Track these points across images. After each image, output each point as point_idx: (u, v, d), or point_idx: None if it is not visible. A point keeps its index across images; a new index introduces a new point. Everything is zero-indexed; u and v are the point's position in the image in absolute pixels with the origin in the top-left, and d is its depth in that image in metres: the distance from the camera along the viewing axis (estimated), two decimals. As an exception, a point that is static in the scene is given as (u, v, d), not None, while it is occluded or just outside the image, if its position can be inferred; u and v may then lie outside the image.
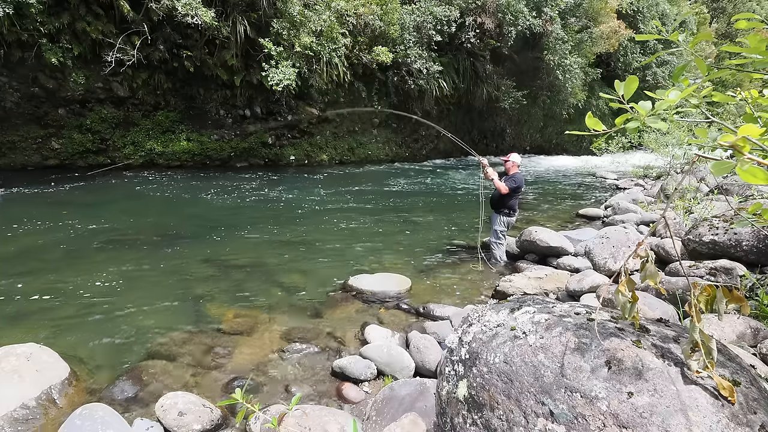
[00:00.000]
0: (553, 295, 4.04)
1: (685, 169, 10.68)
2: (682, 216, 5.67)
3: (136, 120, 12.85)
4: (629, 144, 15.36)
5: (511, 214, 5.33)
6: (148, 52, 11.59)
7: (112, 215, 7.38)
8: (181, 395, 2.48)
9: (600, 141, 1.52)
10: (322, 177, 13.22)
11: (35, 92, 11.23)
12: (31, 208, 7.57)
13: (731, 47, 1.59)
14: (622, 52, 25.14)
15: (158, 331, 3.55)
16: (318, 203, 9.19)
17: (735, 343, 2.49)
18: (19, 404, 2.45)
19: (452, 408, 1.73)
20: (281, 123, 14.64)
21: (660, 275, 1.59)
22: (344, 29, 13.80)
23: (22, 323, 3.64)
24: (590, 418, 1.33)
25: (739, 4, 35.66)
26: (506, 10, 17.11)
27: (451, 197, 10.58)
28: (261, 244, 6.10)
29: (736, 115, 13.97)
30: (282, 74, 12.07)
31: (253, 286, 4.59)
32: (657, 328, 1.60)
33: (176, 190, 10.10)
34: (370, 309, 4.09)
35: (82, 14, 10.65)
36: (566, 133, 1.79)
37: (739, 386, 1.34)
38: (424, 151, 19.59)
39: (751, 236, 3.77)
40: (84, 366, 3.03)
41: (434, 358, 3.00)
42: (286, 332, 3.58)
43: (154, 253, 5.51)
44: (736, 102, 1.71)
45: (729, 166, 1.05)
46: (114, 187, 10.10)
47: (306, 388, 2.87)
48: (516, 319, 1.76)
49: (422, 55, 16.01)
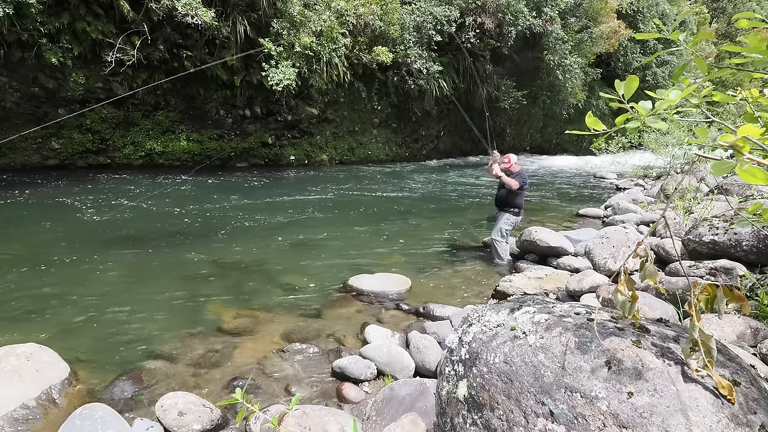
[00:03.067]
0: (553, 295, 4.04)
1: (685, 169, 10.68)
2: (682, 216, 5.67)
3: (136, 120, 12.85)
4: (629, 144, 15.35)
5: (519, 213, 5.31)
6: (148, 52, 11.58)
7: (112, 215, 7.38)
8: (181, 395, 2.48)
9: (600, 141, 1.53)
10: (322, 177, 13.22)
11: (35, 92, 11.22)
12: (30, 208, 7.57)
13: (731, 47, 1.59)
14: (622, 52, 25.14)
15: (158, 331, 3.55)
16: (318, 203, 9.19)
17: (735, 343, 2.49)
18: (19, 404, 2.45)
19: (452, 408, 1.72)
20: (281, 123, 14.64)
21: (659, 275, 1.59)
22: (344, 29, 13.80)
23: (22, 323, 3.64)
24: (590, 418, 1.33)
25: (739, 4, 35.66)
26: (506, 10, 17.11)
27: (451, 197, 10.57)
28: (261, 244, 6.10)
29: (736, 115, 13.97)
30: (282, 74, 12.07)
31: (253, 286, 4.59)
32: (657, 328, 1.60)
33: (176, 190, 10.09)
34: (370, 309, 4.09)
35: (82, 14, 10.64)
36: (566, 132, 1.80)
37: (739, 386, 1.34)
38: (425, 151, 19.59)
39: (751, 236, 3.76)
40: (84, 366, 3.03)
41: (434, 358, 3.00)
42: (286, 332, 3.58)
43: (154, 253, 5.51)
44: (736, 102, 1.71)
45: (729, 166, 1.05)
46: (114, 187, 10.10)
47: (306, 388, 2.87)
48: (516, 319, 1.76)
49: (422, 55, 16.01)
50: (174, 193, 9.73)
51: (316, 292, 4.46)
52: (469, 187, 12.08)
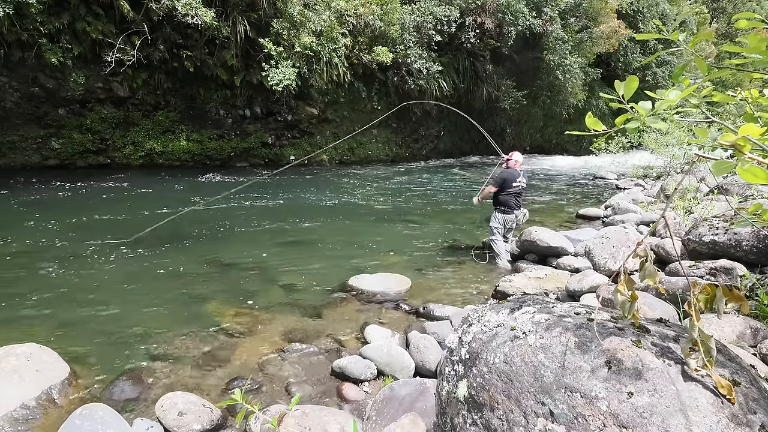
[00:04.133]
0: (553, 295, 4.03)
1: (685, 169, 10.68)
2: (682, 216, 5.67)
3: (136, 120, 12.85)
4: (629, 144, 15.36)
5: (506, 211, 5.33)
6: (148, 52, 11.59)
7: (112, 215, 7.38)
8: (181, 395, 2.48)
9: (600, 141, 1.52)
10: (322, 177, 13.22)
11: (35, 92, 11.23)
12: (30, 209, 7.57)
13: (731, 47, 1.59)
14: (622, 52, 25.15)
15: (158, 331, 3.55)
16: (318, 203, 9.20)
17: (735, 343, 2.49)
18: (19, 404, 2.45)
19: (452, 408, 1.72)
20: (281, 123, 14.64)
21: (659, 275, 1.59)
22: (344, 29, 13.80)
23: (22, 323, 3.64)
24: (590, 418, 1.33)
25: (739, 4, 35.66)
26: (506, 10, 17.11)
27: (451, 197, 10.57)
28: (261, 244, 6.09)
29: (736, 115, 13.97)
30: (282, 74, 12.07)
31: (253, 286, 4.58)
32: (657, 328, 1.60)
33: (176, 190, 10.10)
34: (370, 309, 4.09)
35: (82, 14, 10.65)
36: (566, 133, 1.80)
37: (739, 386, 1.34)
38: (424, 151, 19.60)
39: (751, 236, 3.76)
40: (84, 366, 3.03)
41: (434, 358, 3.00)
42: (286, 332, 3.58)
43: (154, 253, 5.51)
44: (736, 102, 1.71)
45: (729, 166, 1.06)
46: (113, 187, 10.10)
47: (306, 388, 2.86)
48: (516, 319, 1.76)
49: (422, 55, 16.01)
50: (174, 193, 9.72)
51: (316, 292, 4.45)
52: (470, 187, 12.08)
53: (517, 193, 5.36)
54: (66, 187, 9.59)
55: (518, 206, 5.40)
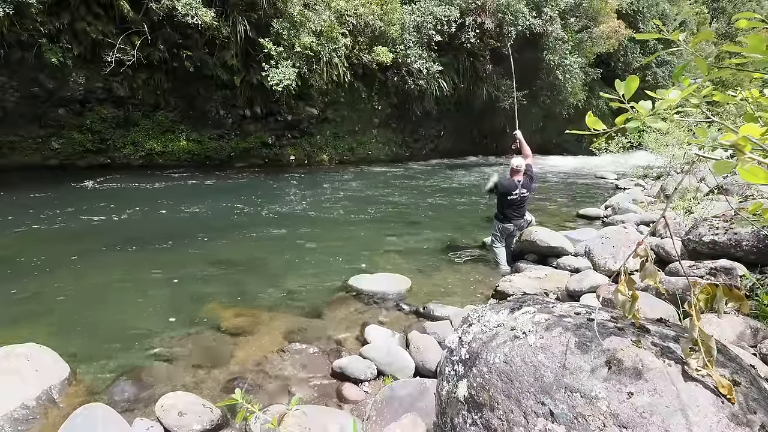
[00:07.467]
0: (553, 295, 4.03)
1: (685, 169, 10.68)
2: (682, 216, 5.66)
3: (136, 120, 12.86)
4: (629, 144, 15.34)
5: (503, 219, 5.31)
6: (148, 52, 11.59)
7: (112, 216, 7.38)
8: (181, 395, 2.48)
9: (600, 141, 1.52)
10: (322, 177, 13.22)
11: (35, 92, 11.23)
12: (30, 209, 7.57)
13: (731, 47, 1.59)
14: (622, 52, 25.13)
15: (158, 331, 3.55)
16: (318, 203, 9.19)
17: (735, 343, 2.49)
18: (19, 404, 2.45)
19: (452, 408, 1.72)
20: (281, 123, 14.64)
21: (659, 274, 1.59)
22: (344, 29, 13.80)
23: (22, 323, 3.64)
24: (590, 418, 1.33)
25: (739, 4, 35.63)
26: (506, 10, 17.10)
27: (452, 197, 10.57)
28: (261, 244, 6.10)
29: (737, 115, 13.95)
30: (282, 74, 12.07)
31: (253, 286, 4.58)
32: (657, 327, 1.60)
33: (176, 190, 10.09)
34: (370, 309, 4.09)
35: (82, 14, 10.65)
36: (566, 132, 1.79)
37: (739, 386, 1.34)
38: (425, 151, 19.59)
39: (751, 236, 3.76)
40: (84, 366, 3.03)
41: (434, 358, 2.99)
42: (286, 332, 3.58)
43: (154, 253, 5.51)
44: (736, 102, 1.71)
45: (730, 166, 1.05)
46: (113, 187, 10.10)
47: (306, 388, 2.86)
48: (516, 319, 1.76)
49: (422, 55, 16.00)
50: (174, 193, 9.72)
51: (316, 292, 4.45)
52: (470, 187, 12.08)
53: (516, 205, 5.28)
54: (66, 187, 9.59)
55: (518, 216, 5.32)
